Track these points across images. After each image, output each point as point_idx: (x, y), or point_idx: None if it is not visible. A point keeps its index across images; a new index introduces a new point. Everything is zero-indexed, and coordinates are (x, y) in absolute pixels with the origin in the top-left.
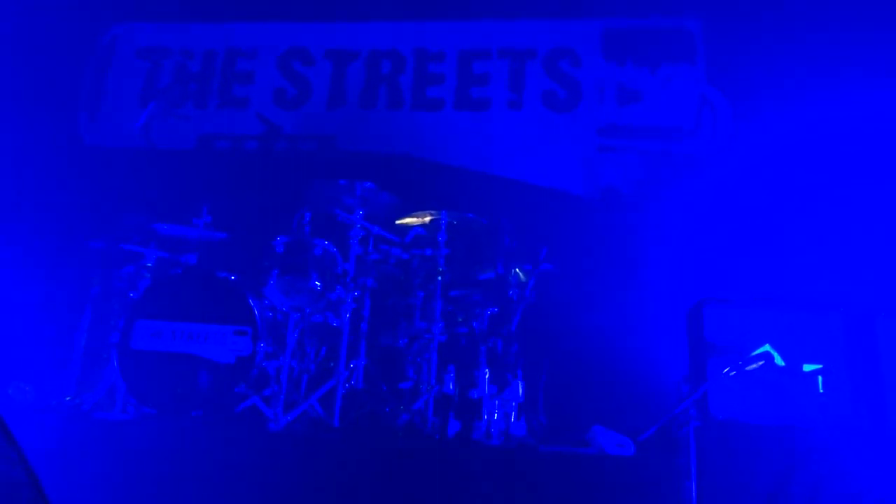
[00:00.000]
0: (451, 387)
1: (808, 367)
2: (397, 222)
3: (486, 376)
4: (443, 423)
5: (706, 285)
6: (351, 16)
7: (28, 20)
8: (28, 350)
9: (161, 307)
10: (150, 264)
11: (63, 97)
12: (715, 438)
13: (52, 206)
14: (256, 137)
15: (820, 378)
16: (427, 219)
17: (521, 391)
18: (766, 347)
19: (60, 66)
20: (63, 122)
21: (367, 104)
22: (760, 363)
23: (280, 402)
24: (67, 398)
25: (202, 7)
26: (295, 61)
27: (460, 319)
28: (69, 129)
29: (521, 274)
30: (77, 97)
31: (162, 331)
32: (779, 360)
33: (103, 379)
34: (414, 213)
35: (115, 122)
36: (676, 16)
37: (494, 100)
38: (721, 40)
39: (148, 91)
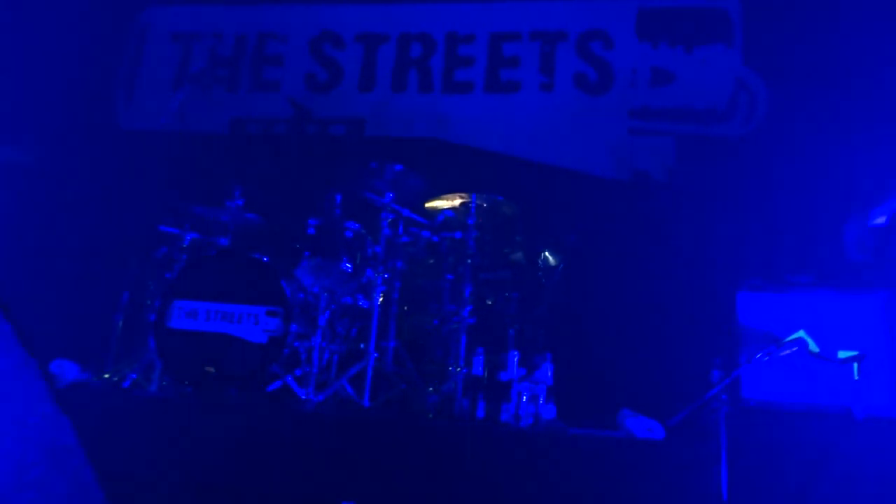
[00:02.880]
0: (481, 369)
1: (843, 354)
2: (427, 205)
3: (516, 359)
4: (472, 405)
5: (740, 270)
6: None
7: (63, 6)
8: (69, 329)
9: (196, 287)
10: (185, 245)
11: (99, 81)
12: (746, 425)
13: (90, 189)
14: (287, 121)
15: (856, 365)
16: (457, 202)
17: (550, 374)
18: (801, 333)
19: (96, 50)
20: (99, 106)
21: (397, 88)
22: (794, 349)
23: (311, 383)
24: (106, 375)
25: None
26: (326, 45)
27: (489, 302)
28: (105, 113)
29: (550, 257)
30: (112, 81)
31: (197, 310)
32: (813, 347)
33: (141, 357)
34: (444, 196)
35: (150, 105)
36: None
37: (525, 82)
38: (758, 21)
39: (181, 75)
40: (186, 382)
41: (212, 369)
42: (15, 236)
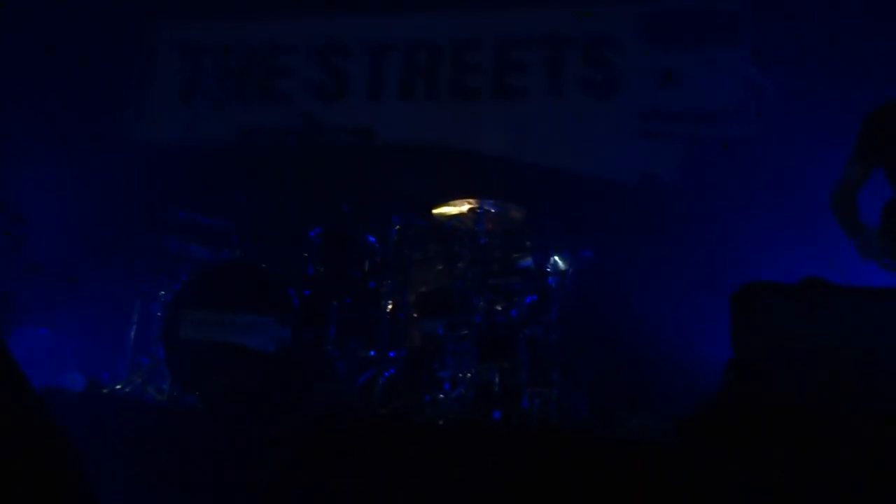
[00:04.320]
0: (491, 375)
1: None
2: (435, 212)
3: (526, 364)
4: (483, 410)
5: (751, 271)
6: (387, 7)
7: (73, 19)
8: (81, 341)
9: (205, 298)
10: (194, 257)
11: (110, 95)
12: (754, 425)
13: (102, 202)
14: (296, 131)
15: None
16: (465, 208)
17: (560, 379)
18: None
19: (106, 64)
20: (110, 119)
21: (404, 95)
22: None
23: (321, 391)
24: (119, 386)
25: (242, 3)
26: (333, 55)
27: (499, 308)
28: (116, 126)
29: (560, 262)
30: (124, 95)
31: (206, 321)
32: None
33: (151, 368)
34: (452, 202)
35: (161, 118)
36: None
37: (532, 87)
38: (766, 21)
39: (191, 88)
40: (197, 392)
41: (224, 380)
42: (26, 248)
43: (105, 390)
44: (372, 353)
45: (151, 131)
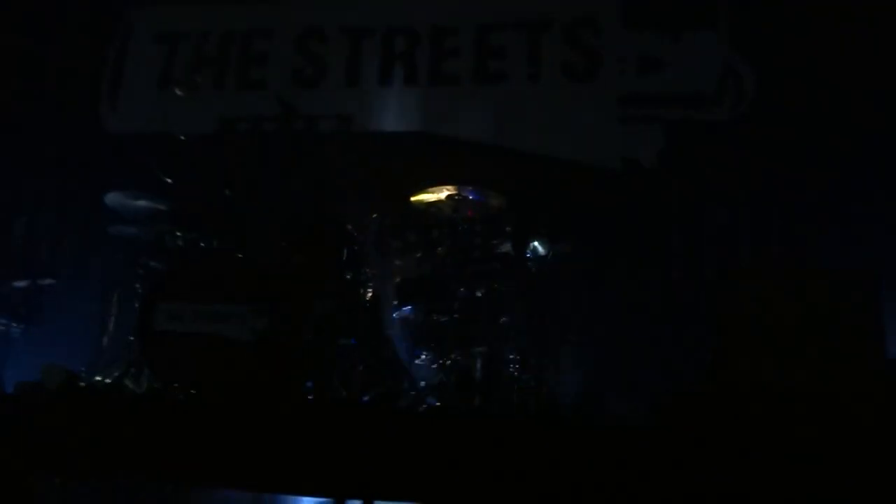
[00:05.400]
0: (472, 362)
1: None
2: (413, 199)
3: (507, 350)
4: (463, 397)
5: (731, 257)
6: None
7: (44, 7)
8: (58, 332)
9: (182, 288)
10: (171, 246)
11: (82, 85)
12: (733, 407)
13: (76, 194)
14: (275, 119)
15: None
16: (444, 194)
17: (541, 365)
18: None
19: (79, 53)
20: (83, 109)
21: (383, 82)
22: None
23: (302, 380)
24: (97, 378)
25: None
26: (311, 40)
27: (479, 294)
28: (90, 116)
29: (540, 248)
30: (97, 84)
31: (183, 311)
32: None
33: (129, 360)
34: (431, 189)
35: (135, 107)
36: None
37: (512, 72)
38: (744, 4)
39: (166, 75)
40: (175, 384)
41: (203, 370)
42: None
43: (82, 384)
44: (353, 341)
45: (126, 121)
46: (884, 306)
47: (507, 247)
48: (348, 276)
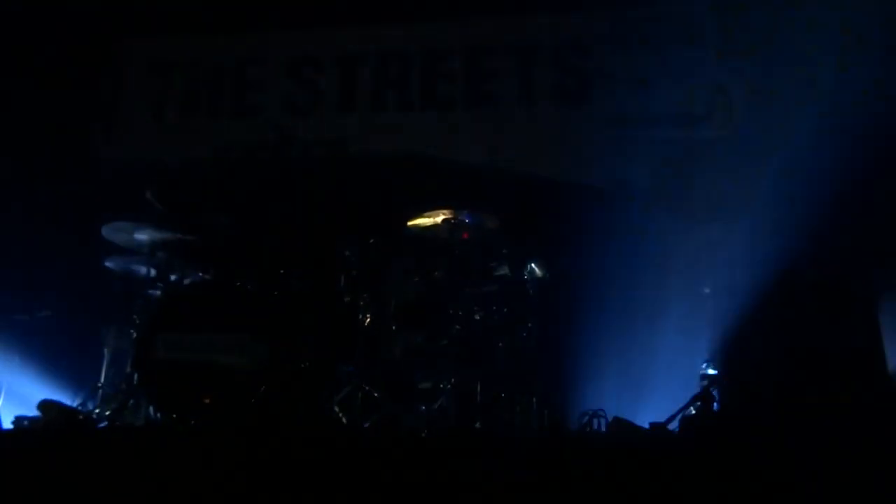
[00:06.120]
0: (471, 384)
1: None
2: (410, 223)
3: (505, 372)
4: (463, 419)
5: (726, 273)
6: (357, 19)
7: (41, 37)
8: (55, 367)
9: (180, 318)
10: (168, 276)
11: (77, 114)
12: (734, 424)
13: (70, 222)
14: (270, 145)
15: None
16: (440, 218)
17: (540, 386)
18: None
19: (74, 81)
20: (77, 138)
21: (377, 107)
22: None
23: (300, 407)
24: (97, 411)
25: (211, 18)
26: (304, 67)
27: (478, 317)
28: (84, 144)
29: (537, 269)
30: (91, 113)
31: (181, 342)
32: None
33: (128, 391)
34: (427, 213)
35: (130, 135)
36: (685, 1)
37: (504, 95)
38: (732, 23)
39: (161, 104)
40: (174, 414)
41: (205, 400)
42: None
43: (81, 417)
44: (350, 368)
45: (120, 150)
46: None
47: (504, 269)
48: (346, 302)
